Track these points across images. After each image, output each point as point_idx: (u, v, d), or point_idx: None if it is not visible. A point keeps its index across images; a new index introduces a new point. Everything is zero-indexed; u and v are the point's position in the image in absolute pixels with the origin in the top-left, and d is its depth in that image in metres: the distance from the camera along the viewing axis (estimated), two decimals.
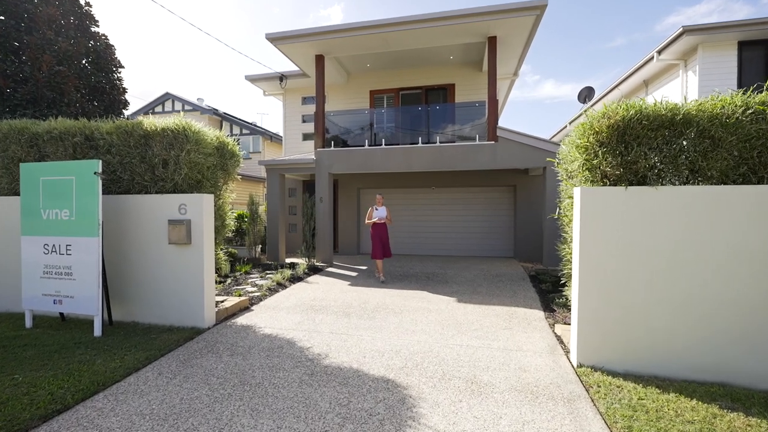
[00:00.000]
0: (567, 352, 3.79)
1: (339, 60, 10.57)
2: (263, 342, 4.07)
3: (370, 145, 9.51)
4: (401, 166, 9.06)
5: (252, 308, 5.44)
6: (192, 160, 4.60)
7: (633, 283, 3.31)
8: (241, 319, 4.89)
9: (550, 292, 6.15)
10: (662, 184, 3.34)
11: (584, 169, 3.54)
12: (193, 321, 4.52)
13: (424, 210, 11.18)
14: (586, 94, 15.24)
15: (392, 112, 10.56)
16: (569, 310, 4.83)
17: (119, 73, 8.60)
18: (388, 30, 8.38)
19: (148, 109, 19.18)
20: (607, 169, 3.39)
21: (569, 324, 4.46)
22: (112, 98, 8.21)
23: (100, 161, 4.20)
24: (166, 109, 19.15)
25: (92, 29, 8.28)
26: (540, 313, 5.14)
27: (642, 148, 3.28)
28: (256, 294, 6.16)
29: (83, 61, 7.90)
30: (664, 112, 3.28)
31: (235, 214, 10.94)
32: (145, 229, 4.64)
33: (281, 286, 6.86)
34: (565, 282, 4.17)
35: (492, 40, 8.56)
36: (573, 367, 3.46)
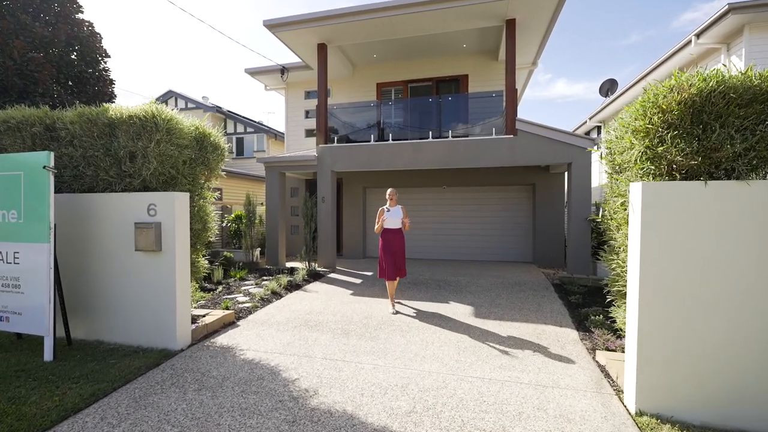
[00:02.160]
0: (618, 391, 3.00)
1: (343, 50, 9.86)
2: (241, 371, 3.36)
3: (376, 141, 8.77)
4: (410, 163, 8.30)
5: (238, 323, 4.75)
6: (162, 152, 3.92)
7: (714, 305, 2.52)
8: (223, 338, 4.20)
9: (580, 306, 5.33)
10: (754, 177, 2.53)
11: (644, 159, 2.75)
12: (164, 341, 3.84)
13: (434, 211, 10.40)
14: (608, 87, 14.26)
15: (400, 105, 9.79)
16: (612, 331, 4.02)
17: (105, 63, 8.02)
18: (396, 13, 7.62)
19: None
20: (678, 158, 2.60)
21: (614, 350, 3.65)
22: (97, 90, 7.62)
23: (52, 153, 3.55)
24: (168, 107, 18.70)
25: (76, 16, 7.70)
26: (573, 333, 4.35)
27: (727, 130, 2.48)
28: (247, 305, 5.47)
29: (67, 50, 7.29)
30: (756, 83, 2.48)
31: (233, 215, 10.33)
32: (109, 234, 3.98)
33: (276, 295, 6.16)
34: (613, 300, 3.37)
35: (510, 24, 7.74)
36: (630, 414, 2.68)
